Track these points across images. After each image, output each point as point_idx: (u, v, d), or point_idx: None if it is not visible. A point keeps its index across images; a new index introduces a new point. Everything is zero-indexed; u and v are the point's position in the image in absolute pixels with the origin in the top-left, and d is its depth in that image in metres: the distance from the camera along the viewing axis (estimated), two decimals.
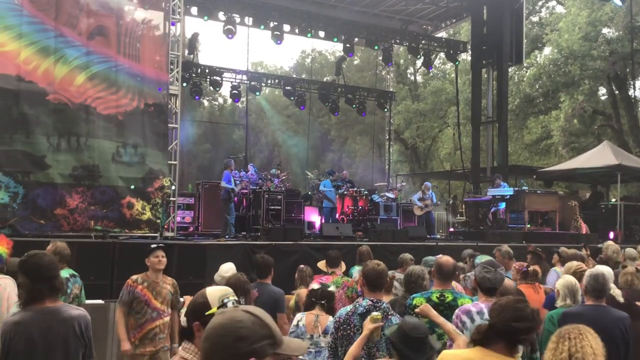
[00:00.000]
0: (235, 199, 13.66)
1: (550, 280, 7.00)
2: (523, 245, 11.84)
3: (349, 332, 4.17)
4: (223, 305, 2.46)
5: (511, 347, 3.02)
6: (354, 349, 3.78)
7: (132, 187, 10.21)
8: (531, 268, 6.26)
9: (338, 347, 4.19)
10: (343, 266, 6.90)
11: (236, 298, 2.55)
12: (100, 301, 7.04)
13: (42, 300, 3.50)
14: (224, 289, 2.60)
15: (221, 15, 16.96)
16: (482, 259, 5.25)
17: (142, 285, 5.93)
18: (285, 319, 5.68)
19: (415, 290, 4.91)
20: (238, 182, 13.73)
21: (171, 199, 10.76)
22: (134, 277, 6.00)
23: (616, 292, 5.62)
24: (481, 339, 3.05)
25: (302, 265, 6.99)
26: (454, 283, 5.50)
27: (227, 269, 5.31)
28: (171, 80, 10.95)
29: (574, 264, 6.19)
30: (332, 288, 5.84)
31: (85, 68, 9.99)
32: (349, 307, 4.34)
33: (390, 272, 6.90)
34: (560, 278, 5.17)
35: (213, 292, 2.55)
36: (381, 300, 4.27)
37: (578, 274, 5.54)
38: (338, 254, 6.70)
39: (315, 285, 5.67)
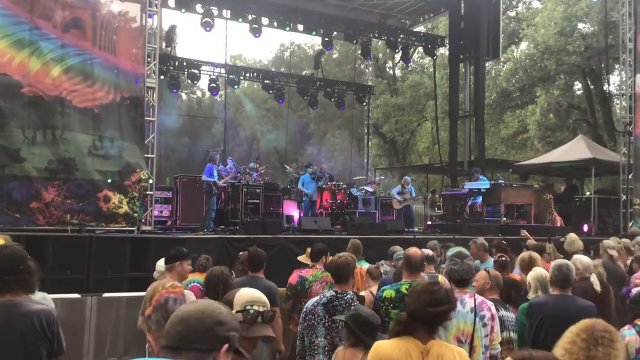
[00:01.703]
0: (217, 192, 13.62)
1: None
2: (499, 237, 11.98)
3: (312, 322, 4.26)
4: (245, 311, 2.49)
5: (431, 330, 3.10)
6: None
7: (109, 180, 10.14)
8: (502, 259, 6.35)
9: (305, 336, 4.28)
10: None
11: (262, 309, 2.54)
12: (76, 295, 6.98)
13: (1, 293, 3.47)
14: (256, 296, 2.59)
15: (199, 8, 16.87)
16: (453, 251, 5.30)
17: None
18: (279, 313, 5.58)
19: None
20: (224, 174, 13.71)
21: (148, 192, 10.70)
22: (175, 283, 4.83)
23: (593, 280, 5.75)
24: (403, 329, 3.10)
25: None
26: (441, 277, 5.57)
27: (163, 263, 5.21)
28: (148, 73, 10.87)
29: (525, 255, 6.32)
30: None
31: (60, 61, 9.89)
32: (316, 298, 4.42)
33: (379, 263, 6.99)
34: (532, 270, 5.24)
35: (241, 296, 2.56)
36: (347, 291, 4.34)
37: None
38: (322, 248, 6.65)
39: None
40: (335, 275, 4.45)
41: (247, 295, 2.59)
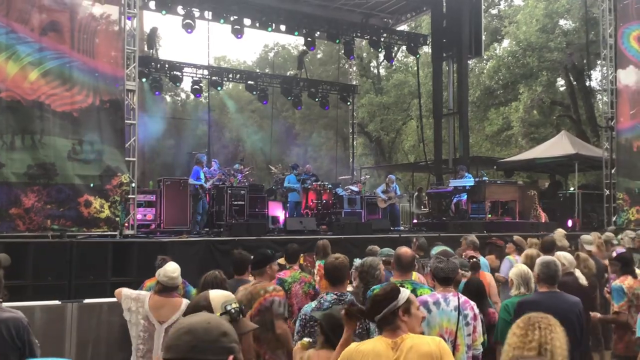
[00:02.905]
0: (203, 195, 13.56)
1: (503, 269, 7.11)
2: (484, 234, 12.01)
3: (316, 328, 4.18)
4: (227, 312, 2.49)
5: (395, 327, 3.14)
6: None
7: (92, 185, 10.03)
8: (474, 260, 6.38)
9: None
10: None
11: (237, 304, 2.56)
12: (57, 302, 6.87)
13: None
14: (226, 295, 2.60)
15: (180, 10, 16.73)
16: (437, 249, 5.29)
17: None
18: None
19: (367, 281, 4.96)
20: (209, 176, 13.68)
21: (130, 196, 10.59)
22: (277, 287, 5.07)
23: (579, 275, 5.77)
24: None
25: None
26: (415, 274, 5.55)
27: (174, 269, 5.12)
28: (128, 75, 10.76)
29: (534, 251, 6.32)
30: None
31: (38, 64, 9.78)
32: (313, 304, 4.34)
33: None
34: (513, 267, 5.24)
35: (216, 297, 2.57)
36: (345, 293, 4.29)
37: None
38: (297, 249, 6.68)
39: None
40: (332, 277, 4.37)
41: (221, 296, 2.60)
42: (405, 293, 3.25)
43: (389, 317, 3.15)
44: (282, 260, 6.71)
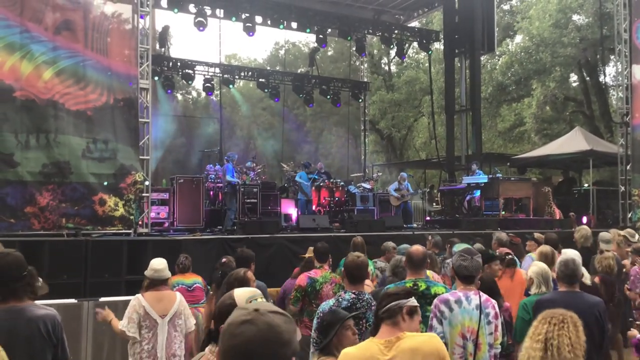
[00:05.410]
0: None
1: (525, 267, 7.06)
2: (498, 232, 11.92)
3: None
4: None
5: (394, 325, 3.13)
6: None
7: (106, 183, 10.06)
8: (509, 257, 6.32)
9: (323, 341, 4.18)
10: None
11: (263, 299, 2.54)
12: (73, 300, 6.90)
13: (5, 300, 3.44)
14: (251, 290, 2.60)
15: (191, 8, 16.75)
16: (459, 247, 5.24)
17: None
18: None
19: (402, 277, 4.91)
20: (239, 174, 13.87)
21: (144, 194, 10.61)
22: None
23: (585, 276, 5.71)
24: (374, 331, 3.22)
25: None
26: (430, 272, 5.49)
27: (160, 262, 5.23)
28: (141, 74, 10.78)
29: (547, 248, 6.26)
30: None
31: (52, 63, 9.80)
32: (331, 302, 4.30)
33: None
34: (532, 265, 5.18)
35: (241, 294, 2.55)
36: (363, 292, 4.27)
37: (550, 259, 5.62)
38: (326, 248, 6.49)
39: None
40: (354, 276, 4.33)
41: (246, 292, 2.60)
42: (415, 302, 3.25)
43: (393, 310, 3.14)
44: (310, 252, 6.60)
